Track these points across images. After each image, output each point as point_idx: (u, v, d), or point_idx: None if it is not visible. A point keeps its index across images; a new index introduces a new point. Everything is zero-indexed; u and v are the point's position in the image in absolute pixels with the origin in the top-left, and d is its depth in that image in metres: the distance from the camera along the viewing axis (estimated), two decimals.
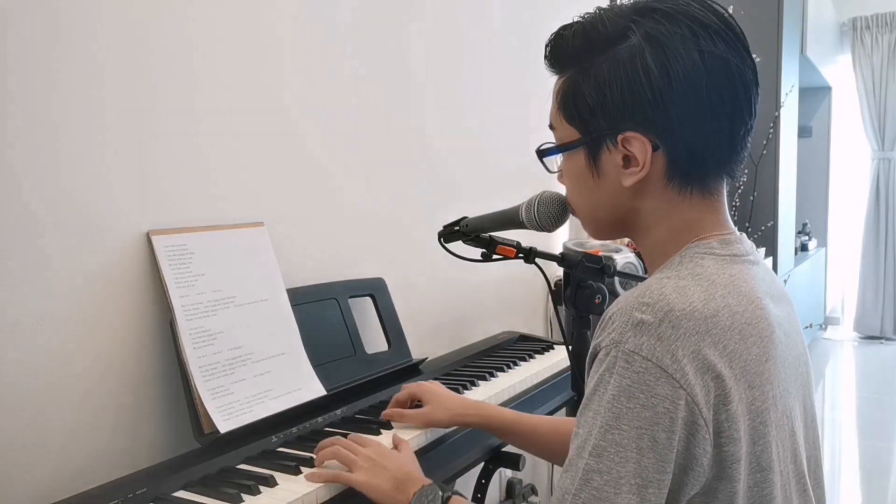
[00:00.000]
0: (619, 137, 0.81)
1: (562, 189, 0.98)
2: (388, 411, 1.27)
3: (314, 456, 1.11)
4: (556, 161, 0.91)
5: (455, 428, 1.29)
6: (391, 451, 1.10)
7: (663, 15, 0.79)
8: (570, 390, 1.55)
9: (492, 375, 1.60)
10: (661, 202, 0.83)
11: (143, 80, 1.21)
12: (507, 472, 2.22)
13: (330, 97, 1.61)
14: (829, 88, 5.89)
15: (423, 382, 1.30)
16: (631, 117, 0.79)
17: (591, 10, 0.84)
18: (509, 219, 1.27)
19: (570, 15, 0.86)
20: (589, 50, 0.82)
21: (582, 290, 1.30)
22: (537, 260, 1.36)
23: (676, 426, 0.70)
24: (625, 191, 0.83)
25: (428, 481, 1.02)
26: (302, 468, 1.09)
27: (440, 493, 0.98)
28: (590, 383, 0.75)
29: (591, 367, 0.77)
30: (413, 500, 0.98)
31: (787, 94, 4.24)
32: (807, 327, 5.08)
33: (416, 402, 1.29)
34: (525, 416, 1.24)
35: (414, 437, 1.23)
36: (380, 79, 1.75)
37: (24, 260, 1.05)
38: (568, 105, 0.84)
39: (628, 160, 0.81)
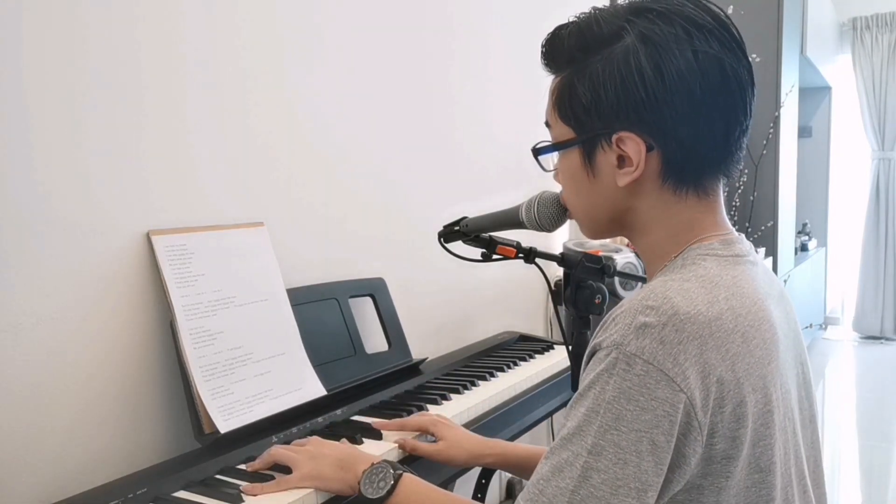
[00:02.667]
0: (614, 137, 0.81)
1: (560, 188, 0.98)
2: (400, 439, 1.20)
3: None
4: (551, 160, 0.91)
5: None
6: (330, 441, 1.10)
7: (658, 15, 0.79)
8: (570, 390, 1.55)
9: (492, 375, 1.60)
10: (656, 202, 0.83)
11: (143, 81, 1.21)
12: (507, 473, 2.22)
13: (331, 97, 1.61)
14: (829, 88, 5.89)
15: (437, 419, 1.24)
16: (625, 117, 0.80)
17: (587, 10, 0.84)
18: (509, 219, 1.27)
19: (567, 14, 0.86)
20: (584, 50, 0.82)
21: (582, 290, 1.30)
22: (537, 260, 1.36)
23: (675, 429, 0.70)
24: (620, 191, 0.83)
25: (377, 459, 1.00)
26: None
27: (391, 470, 0.96)
28: (585, 379, 0.75)
29: (587, 365, 0.77)
30: (363, 477, 0.98)
31: (787, 94, 4.24)
32: (807, 327, 5.08)
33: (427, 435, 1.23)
34: (540, 449, 1.21)
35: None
36: (380, 80, 1.75)
37: (24, 260, 1.05)
38: (563, 104, 0.84)
39: (623, 160, 0.82)
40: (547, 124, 0.90)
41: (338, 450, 1.06)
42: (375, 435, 1.23)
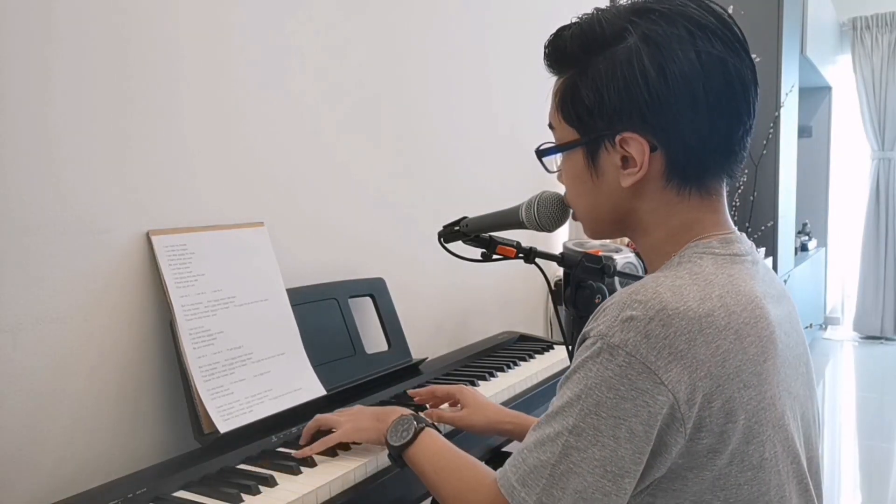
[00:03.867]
0: (617, 138, 0.81)
1: (562, 189, 0.98)
2: (428, 411, 1.28)
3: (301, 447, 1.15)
4: (555, 161, 0.92)
5: (454, 428, 1.29)
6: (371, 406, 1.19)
7: (660, 16, 0.79)
8: None
9: (492, 375, 1.60)
10: (659, 203, 0.83)
11: (142, 81, 1.21)
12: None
13: (331, 98, 1.61)
14: (829, 88, 5.89)
15: (462, 386, 1.31)
16: (628, 118, 0.80)
17: (590, 11, 0.84)
18: (509, 219, 1.27)
19: (570, 15, 0.86)
20: (587, 51, 0.82)
21: (582, 290, 1.30)
22: (537, 260, 1.36)
23: (655, 420, 0.72)
24: (623, 191, 0.83)
25: (408, 412, 1.06)
26: (302, 468, 1.09)
27: (415, 422, 1.02)
28: (573, 364, 0.78)
29: (577, 350, 0.79)
30: (391, 426, 1.04)
31: (787, 94, 4.24)
32: (807, 327, 5.08)
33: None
34: None
35: None
36: (381, 79, 1.75)
37: (24, 260, 1.05)
38: (566, 106, 0.85)
39: (626, 161, 0.82)
40: (550, 126, 0.90)
41: (376, 408, 1.15)
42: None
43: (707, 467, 0.74)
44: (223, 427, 1.16)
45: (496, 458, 1.48)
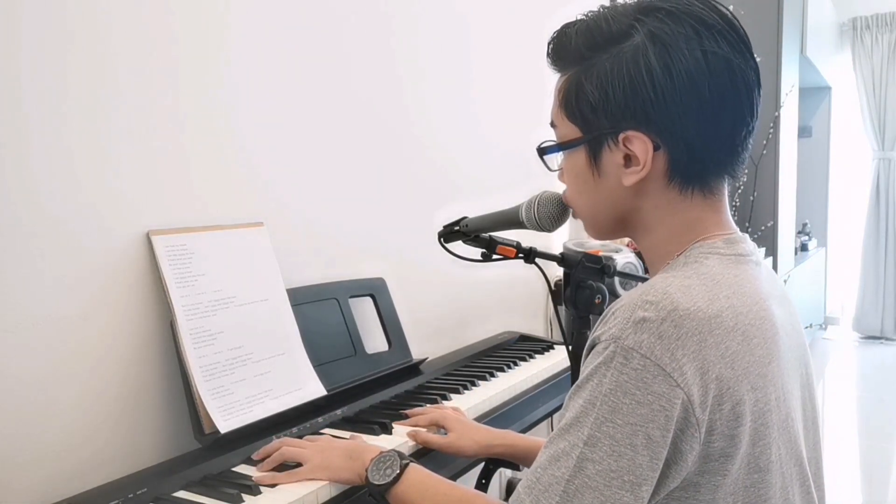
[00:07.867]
0: (621, 136, 0.80)
1: (562, 189, 0.98)
2: (412, 431, 1.23)
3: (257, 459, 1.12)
4: (556, 159, 0.91)
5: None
6: (340, 438, 1.14)
7: (667, 14, 0.79)
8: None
9: (492, 375, 1.60)
10: (661, 202, 0.83)
11: (142, 81, 1.21)
12: (507, 472, 2.22)
13: (330, 97, 1.61)
14: (829, 88, 5.89)
15: (447, 412, 1.27)
16: (633, 116, 0.79)
17: (595, 8, 0.84)
18: (509, 219, 1.27)
19: (574, 12, 0.85)
20: (592, 48, 0.81)
21: (582, 290, 1.30)
22: (537, 260, 1.36)
23: (671, 424, 0.70)
24: (625, 190, 0.83)
25: (386, 449, 1.03)
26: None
27: (399, 459, 0.98)
28: (583, 371, 0.76)
29: (586, 358, 0.77)
30: (371, 464, 1.00)
31: (787, 94, 4.24)
32: (807, 327, 5.07)
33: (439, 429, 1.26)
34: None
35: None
36: (380, 78, 1.75)
37: (25, 260, 1.05)
38: (570, 103, 0.84)
39: (629, 159, 0.81)
40: (552, 125, 0.89)
41: (347, 443, 1.10)
42: (374, 433, 1.23)
43: (720, 472, 0.73)
44: (223, 427, 1.16)
45: (496, 458, 1.48)
